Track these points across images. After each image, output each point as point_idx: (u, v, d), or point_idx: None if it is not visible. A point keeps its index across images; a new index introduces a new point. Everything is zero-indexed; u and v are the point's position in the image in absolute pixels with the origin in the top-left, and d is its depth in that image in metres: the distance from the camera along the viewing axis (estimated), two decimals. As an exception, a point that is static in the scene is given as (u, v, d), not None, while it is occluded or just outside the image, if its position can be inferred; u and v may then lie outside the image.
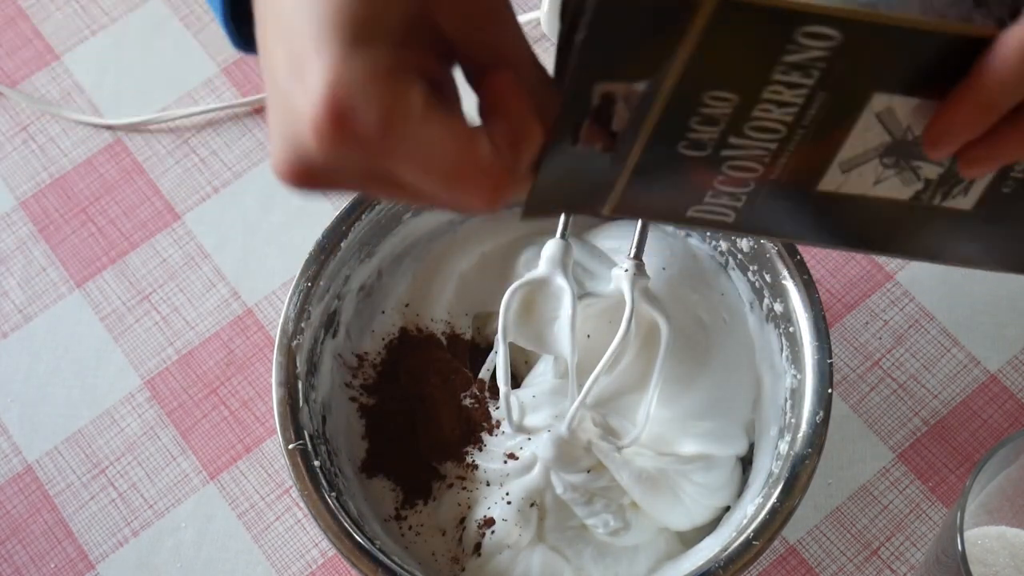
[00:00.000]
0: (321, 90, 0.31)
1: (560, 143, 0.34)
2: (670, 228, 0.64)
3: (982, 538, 0.55)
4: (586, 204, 0.37)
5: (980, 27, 0.32)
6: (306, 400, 0.57)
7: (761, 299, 0.60)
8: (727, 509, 0.58)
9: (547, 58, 0.33)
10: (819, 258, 0.68)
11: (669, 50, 0.31)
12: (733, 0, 0.30)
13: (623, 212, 0.37)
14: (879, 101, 0.34)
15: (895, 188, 0.36)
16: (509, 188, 0.34)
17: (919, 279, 0.68)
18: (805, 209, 0.37)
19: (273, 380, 0.57)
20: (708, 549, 0.55)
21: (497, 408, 0.60)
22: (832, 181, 0.36)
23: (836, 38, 0.31)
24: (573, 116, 0.33)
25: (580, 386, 0.57)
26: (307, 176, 0.34)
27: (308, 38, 0.32)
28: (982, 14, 0.33)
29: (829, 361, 0.55)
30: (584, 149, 0.34)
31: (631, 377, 0.60)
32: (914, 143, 0.35)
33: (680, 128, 0.34)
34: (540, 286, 0.58)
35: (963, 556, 0.46)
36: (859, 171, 0.36)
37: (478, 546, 0.57)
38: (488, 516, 0.57)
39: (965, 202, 0.37)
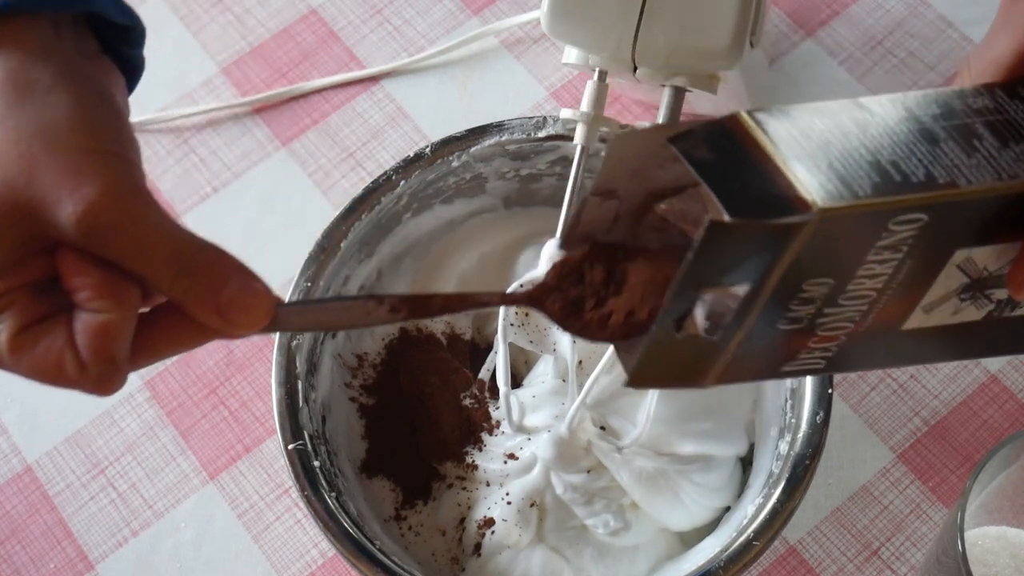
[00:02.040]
0: None
1: (663, 329, 0.36)
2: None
3: (982, 538, 0.55)
4: (689, 379, 0.39)
5: None
6: (306, 400, 0.57)
7: (761, 299, 0.60)
8: (727, 509, 0.58)
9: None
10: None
11: (772, 262, 0.34)
12: (834, 214, 0.33)
13: (723, 382, 0.39)
14: (960, 255, 0.36)
15: (971, 313, 0.39)
16: (115, 377, 0.34)
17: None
18: (890, 346, 0.40)
19: (273, 380, 0.57)
20: (708, 549, 0.55)
21: (497, 408, 0.60)
22: (915, 320, 0.39)
23: (923, 219, 0.34)
24: (675, 309, 0.36)
25: (580, 386, 0.57)
26: None
27: None
28: None
29: (829, 361, 0.55)
30: (687, 337, 0.36)
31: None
32: (989, 277, 0.38)
33: (780, 311, 0.36)
34: (540, 286, 0.57)
35: (963, 556, 0.46)
36: (940, 309, 0.38)
37: (478, 546, 0.57)
38: (488, 516, 0.57)
39: None
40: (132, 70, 0.41)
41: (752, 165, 0.34)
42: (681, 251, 0.36)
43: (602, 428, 0.58)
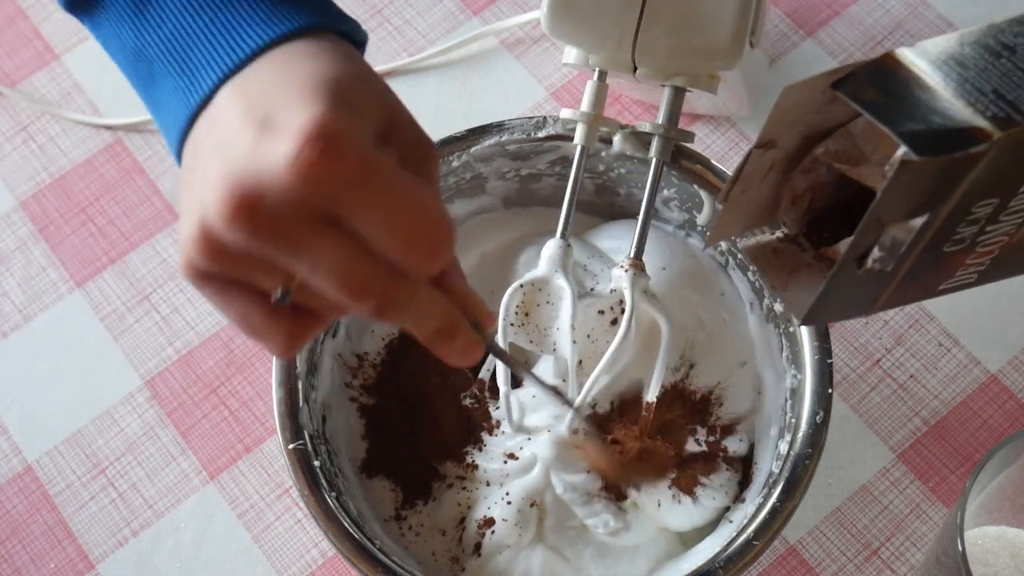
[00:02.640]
0: (309, 124, 0.33)
1: (845, 268, 0.37)
2: (670, 228, 0.64)
3: (982, 538, 0.55)
4: (856, 310, 0.41)
5: None
6: (306, 400, 0.57)
7: (761, 299, 0.60)
8: (727, 509, 0.58)
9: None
10: (819, 258, 0.68)
11: (950, 189, 0.35)
12: (1010, 138, 0.34)
13: (886, 307, 0.41)
14: None
15: None
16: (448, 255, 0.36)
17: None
18: None
19: (273, 380, 0.57)
20: (708, 549, 0.55)
21: (497, 408, 0.60)
22: None
23: None
24: (862, 247, 0.37)
25: (580, 386, 0.57)
26: (255, 223, 0.34)
27: (290, 97, 0.34)
28: None
29: (829, 361, 0.55)
30: (865, 271, 0.38)
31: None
32: None
33: (948, 234, 0.37)
34: (540, 286, 0.58)
35: (963, 556, 0.46)
36: None
37: (478, 546, 0.57)
38: (488, 516, 0.57)
39: None
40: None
41: (921, 101, 0.35)
42: (829, 187, 0.38)
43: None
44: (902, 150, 0.34)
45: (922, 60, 0.36)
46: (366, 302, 0.36)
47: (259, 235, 0.34)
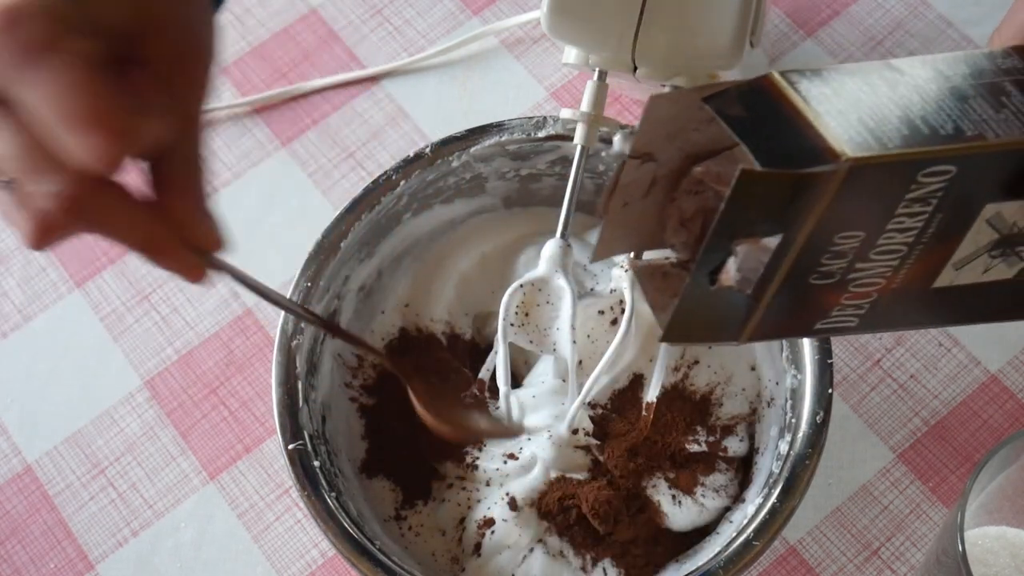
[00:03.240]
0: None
1: (698, 283, 0.37)
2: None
3: (982, 538, 0.55)
4: (722, 334, 0.40)
5: None
6: (306, 400, 0.57)
7: (761, 299, 0.60)
8: (727, 509, 0.58)
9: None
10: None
11: (803, 212, 0.34)
12: (862, 164, 0.33)
13: (756, 338, 0.40)
14: (989, 210, 0.37)
15: (1001, 271, 0.40)
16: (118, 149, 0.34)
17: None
18: (921, 304, 0.40)
19: (273, 380, 0.57)
20: (708, 549, 0.55)
21: (497, 408, 0.60)
22: (945, 278, 0.39)
23: (952, 172, 0.35)
24: (708, 261, 0.36)
25: (580, 386, 0.57)
26: None
27: None
28: None
29: (829, 361, 0.55)
30: (720, 290, 0.37)
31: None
32: (1019, 234, 0.38)
33: (811, 265, 0.37)
34: (540, 286, 0.58)
35: (963, 556, 0.46)
36: (970, 266, 0.39)
37: (478, 546, 0.57)
38: (488, 516, 0.57)
39: None
40: None
41: (784, 121, 0.35)
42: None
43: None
44: (744, 161, 0.33)
45: (798, 84, 0.36)
46: (42, 199, 0.34)
47: None
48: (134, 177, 0.38)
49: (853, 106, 0.35)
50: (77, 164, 0.34)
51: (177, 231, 0.38)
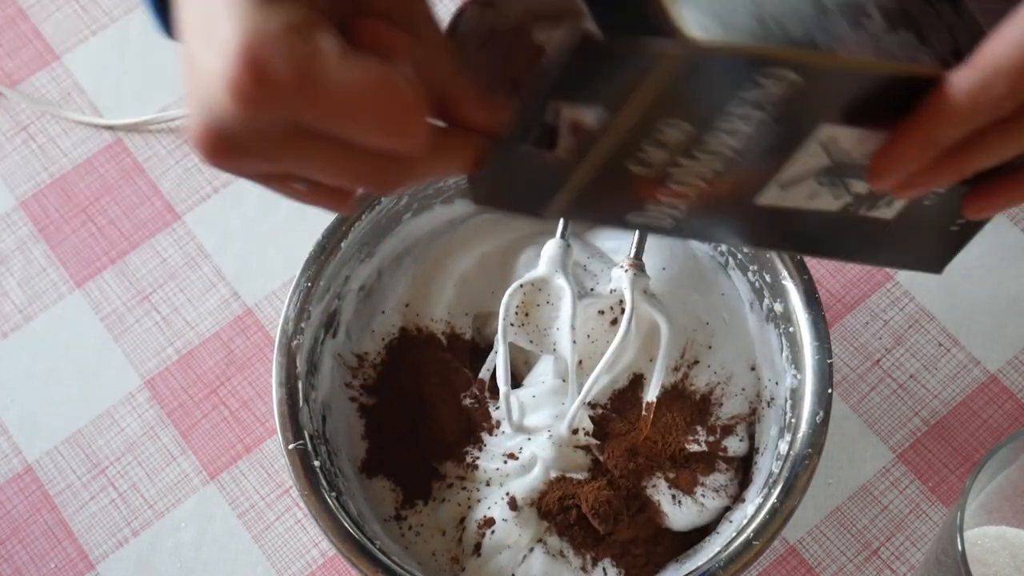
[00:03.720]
0: (234, 44, 0.31)
1: (511, 141, 0.35)
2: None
3: (982, 538, 0.55)
4: (530, 203, 0.38)
5: (928, 68, 0.34)
6: (306, 400, 0.57)
7: (761, 299, 0.60)
8: (727, 509, 0.58)
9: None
10: (819, 258, 0.68)
11: (631, 89, 0.33)
12: (703, 50, 0.31)
13: (565, 215, 0.39)
14: (825, 131, 0.35)
15: (827, 201, 0.38)
16: (424, 122, 0.34)
17: (919, 279, 0.68)
18: (742, 219, 0.39)
19: (273, 380, 0.57)
20: (708, 549, 0.55)
21: (497, 408, 0.60)
22: (770, 196, 0.37)
23: (794, 80, 0.33)
24: (527, 120, 0.34)
25: (580, 386, 0.57)
26: (226, 145, 0.33)
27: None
28: (928, 54, 0.35)
29: (829, 361, 0.55)
30: (533, 153, 0.35)
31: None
32: (851, 165, 0.37)
33: (630, 150, 0.35)
34: (540, 286, 0.58)
35: (963, 556, 0.46)
36: (796, 188, 0.37)
37: (478, 546, 0.57)
38: (488, 516, 0.57)
39: (888, 212, 0.39)
40: None
41: (638, 1, 0.33)
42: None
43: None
44: (584, 26, 0.32)
45: None
46: (375, 187, 0.35)
47: (234, 166, 0.34)
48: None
49: (727, 5, 0.33)
50: (404, 148, 0.34)
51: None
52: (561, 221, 0.58)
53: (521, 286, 0.57)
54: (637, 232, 0.57)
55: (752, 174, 0.36)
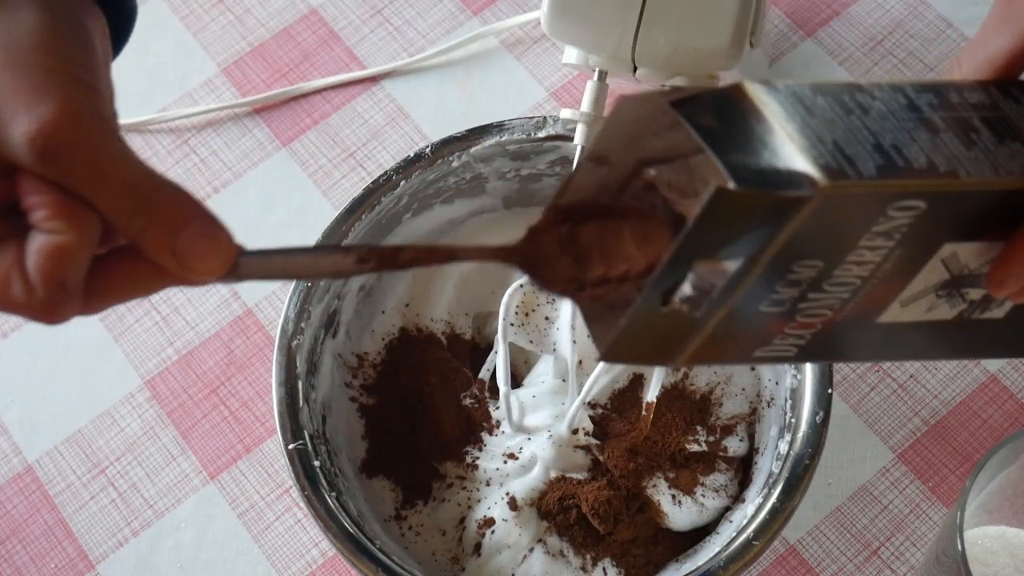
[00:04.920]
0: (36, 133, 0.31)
1: (648, 302, 0.35)
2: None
3: (982, 538, 0.55)
4: (660, 356, 0.39)
5: None
6: (306, 400, 0.57)
7: (761, 299, 0.60)
8: (727, 509, 0.58)
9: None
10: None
11: (768, 238, 0.33)
12: (839, 192, 0.32)
13: (693, 362, 0.39)
14: (947, 249, 0.36)
15: (943, 312, 0.39)
16: (64, 304, 0.33)
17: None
18: (862, 338, 0.40)
19: (273, 380, 0.57)
20: (708, 549, 0.55)
21: (497, 408, 0.60)
22: (890, 314, 0.38)
23: (921, 207, 0.34)
24: (667, 282, 0.35)
25: (580, 386, 0.57)
26: None
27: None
28: None
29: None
30: (669, 312, 0.35)
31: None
32: (968, 276, 0.38)
33: (766, 292, 0.35)
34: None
35: (963, 556, 0.46)
36: (915, 304, 0.38)
37: (478, 546, 0.57)
38: (488, 516, 0.57)
39: (999, 312, 0.40)
40: (123, 19, 0.40)
41: (756, 136, 0.33)
42: (661, 220, 0.35)
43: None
44: (718, 179, 0.32)
45: (770, 97, 0.34)
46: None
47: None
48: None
49: (827, 127, 0.34)
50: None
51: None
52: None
53: (521, 286, 0.57)
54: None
55: (876, 298, 0.37)
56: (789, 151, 0.33)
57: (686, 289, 0.35)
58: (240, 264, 0.36)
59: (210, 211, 0.35)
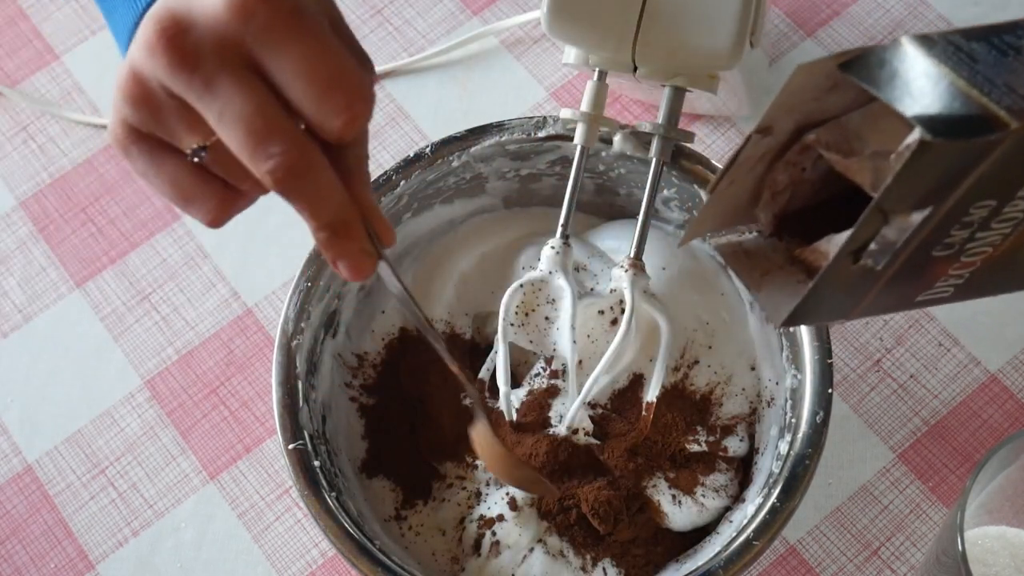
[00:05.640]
0: None
1: (840, 262, 0.36)
2: (670, 228, 0.64)
3: (982, 538, 0.55)
4: (835, 313, 0.39)
5: None
6: (306, 400, 0.57)
7: (761, 299, 0.60)
8: (727, 509, 0.58)
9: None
10: (819, 258, 0.68)
11: (958, 184, 0.34)
12: None
13: (865, 314, 0.39)
14: None
15: None
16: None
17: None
18: (1010, 271, 0.40)
19: (273, 380, 0.57)
20: (708, 549, 0.55)
21: (497, 408, 0.60)
22: None
23: None
24: (860, 239, 0.35)
25: (580, 386, 0.57)
26: (187, 46, 0.35)
27: None
28: None
29: (829, 361, 0.55)
30: (857, 269, 0.36)
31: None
32: None
33: (941, 236, 0.36)
34: (540, 286, 0.58)
35: (963, 556, 0.46)
36: None
37: (478, 546, 0.57)
38: (488, 516, 0.57)
39: None
40: None
41: (933, 86, 0.34)
42: (809, 185, 0.36)
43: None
44: (917, 133, 0.32)
45: (932, 49, 0.35)
46: (265, 159, 0.35)
47: (179, 66, 0.35)
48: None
49: (993, 71, 0.34)
50: (328, 128, 0.35)
51: (360, 217, 0.39)
52: (561, 221, 0.58)
53: (521, 286, 0.57)
54: (637, 231, 0.57)
55: None
56: (970, 97, 0.33)
57: (875, 245, 0.35)
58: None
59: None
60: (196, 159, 0.37)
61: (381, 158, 0.74)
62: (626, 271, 0.57)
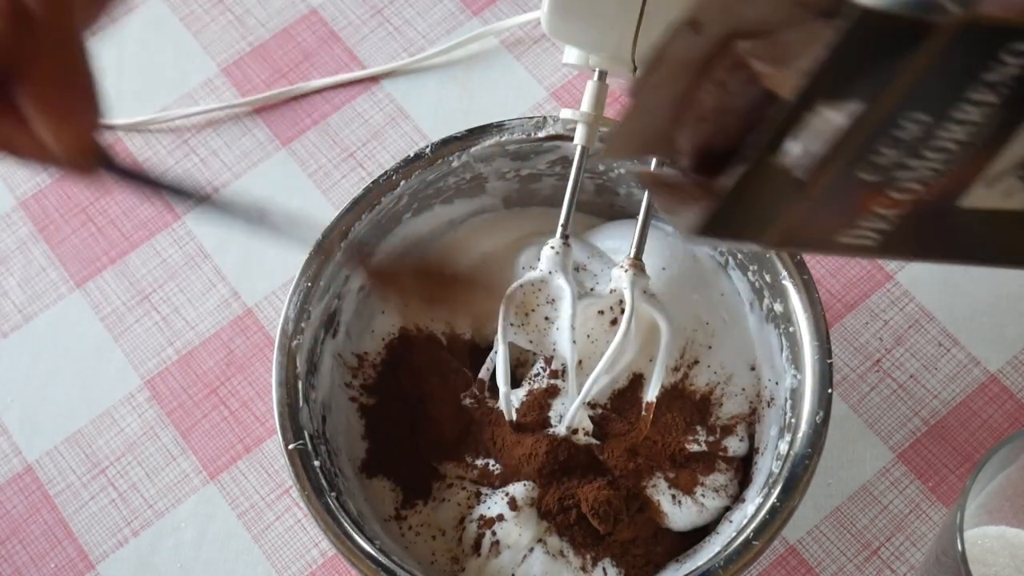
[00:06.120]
0: None
1: (763, 160, 0.33)
2: (670, 228, 0.64)
3: (982, 538, 0.55)
4: (756, 228, 0.36)
5: None
6: (306, 400, 0.57)
7: (761, 299, 0.60)
8: (727, 509, 0.58)
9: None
10: (819, 258, 0.68)
11: (894, 76, 0.31)
12: (976, 21, 0.30)
13: (784, 243, 0.36)
14: None
15: (1019, 200, 0.36)
16: None
17: (919, 279, 0.68)
18: (943, 229, 0.37)
19: (273, 380, 0.57)
20: (708, 549, 0.55)
21: (497, 407, 0.60)
22: (974, 197, 0.36)
23: None
24: (784, 130, 0.32)
25: (580, 386, 0.57)
26: None
27: None
28: None
29: (829, 361, 0.55)
30: (775, 170, 0.33)
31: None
32: None
33: (867, 152, 0.33)
34: (540, 286, 0.58)
35: (963, 556, 0.46)
36: (998, 186, 0.35)
37: (478, 546, 0.57)
38: (488, 516, 0.57)
39: None
40: None
41: None
42: (733, 116, 0.33)
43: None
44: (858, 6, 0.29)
45: None
46: None
47: None
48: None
49: None
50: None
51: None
52: (561, 221, 0.58)
53: (521, 286, 0.57)
54: (637, 231, 0.57)
55: (964, 171, 0.35)
56: None
57: (795, 145, 0.32)
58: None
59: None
60: None
61: (381, 158, 0.74)
62: (626, 271, 0.57)
